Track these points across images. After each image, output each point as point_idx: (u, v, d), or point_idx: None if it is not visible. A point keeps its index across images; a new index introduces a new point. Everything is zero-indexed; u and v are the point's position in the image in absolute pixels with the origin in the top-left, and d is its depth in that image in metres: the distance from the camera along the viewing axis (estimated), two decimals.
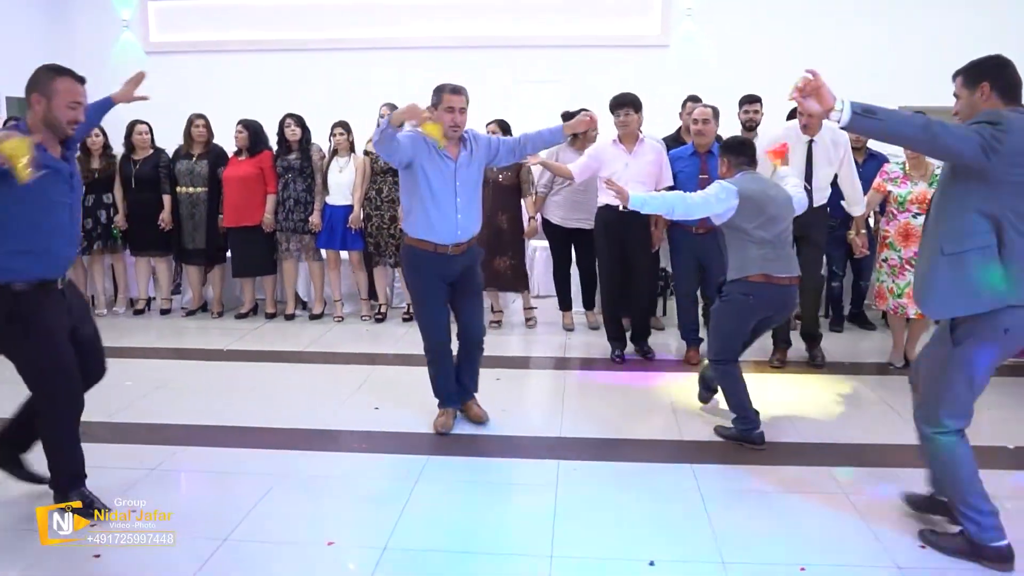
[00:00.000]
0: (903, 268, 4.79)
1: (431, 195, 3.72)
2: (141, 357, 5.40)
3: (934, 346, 2.83)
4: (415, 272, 3.88)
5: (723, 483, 3.42)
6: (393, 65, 8.83)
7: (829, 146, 4.68)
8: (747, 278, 3.76)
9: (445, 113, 3.69)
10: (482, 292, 4.30)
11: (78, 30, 9.60)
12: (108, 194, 6.39)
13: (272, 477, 3.46)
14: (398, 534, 2.96)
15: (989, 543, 2.70)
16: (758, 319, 3.89)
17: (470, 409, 4.12)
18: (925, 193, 4.69)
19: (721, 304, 3.91)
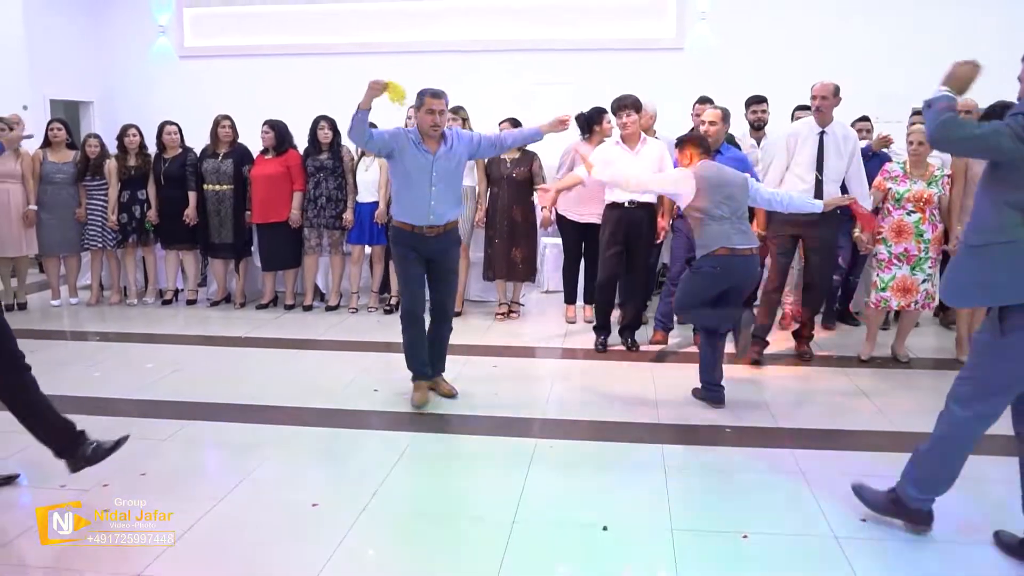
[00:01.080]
0: (890, 262, 4.95)
1: (408, 183, 4.17)
2: (165, 343, 5.77)
3: (982, 332, 2.78)
4: (397, 247, 4.36)
5: (688, 461, 3.64)
6: (414, 68, 9.05)
7: (840, 139, 4.90)
8: (713, 252, 4.16)
9: (426, 115, 4.10)
10: (457, 273, 4.67)
11: (116, 35, 10.08)
12: (142, 190, 6.78)
13: (270, 448, 3.77)
14: (377, 499, 3.23)
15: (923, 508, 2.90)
16: (723, 289, 4.26)
17: (439, 385, 4.51)
18: (922, 192, 4.85)
19: (689, 273, 4.30)
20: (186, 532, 2.95)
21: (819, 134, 4.92)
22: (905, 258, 4.91)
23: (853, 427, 4.05)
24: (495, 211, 6.16)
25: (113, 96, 9.98)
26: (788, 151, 5.03)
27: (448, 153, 4.20)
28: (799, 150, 4.97)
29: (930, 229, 4.90)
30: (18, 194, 6.56)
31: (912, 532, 2.92)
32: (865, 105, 6.18)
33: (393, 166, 4.25)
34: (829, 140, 4.91)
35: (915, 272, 4.91)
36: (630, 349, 5.40)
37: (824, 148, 4.90)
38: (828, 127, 4.92)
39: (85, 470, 3.46)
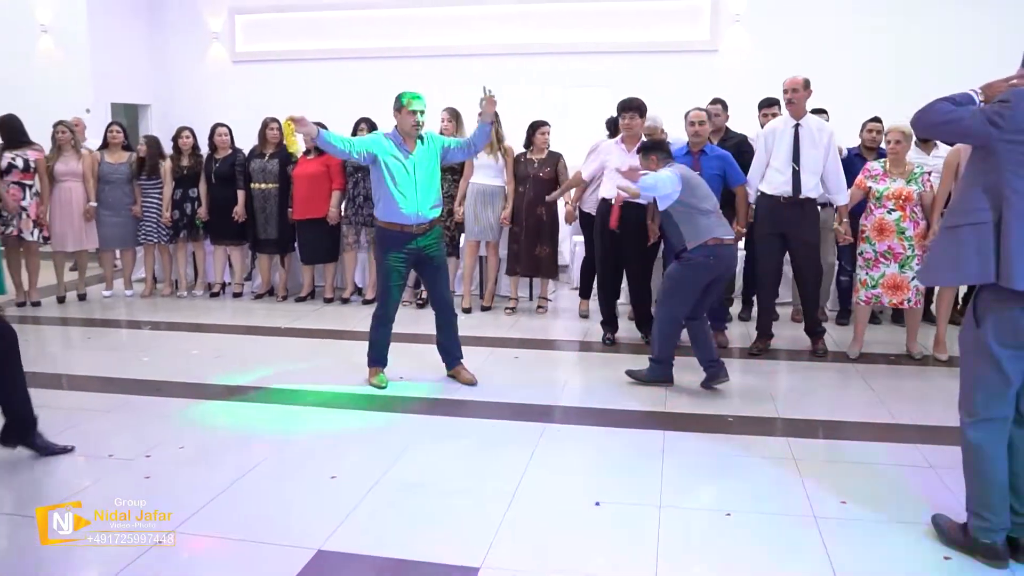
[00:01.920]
0: (877, 261, 5.06)
1: (394, 184, 4.44)
2: (211, 332, 6.15)
3: (963, 331, 2.79)
4: (383, 250, 4.57)
5: (687, 445, 3.84)
6: (452, 71, 9.45)
7: (814, 131, 5.10)
8: (706, 243, 4.46)
9: (408, 115, 4.41)
10: (446, 266, 4.91)
11: (172, 42, 10.62)
12: (194, 189, 7.20)
13: (300, 426, 4.11)
14: (392, 473, 3.51)
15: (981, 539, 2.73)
16: (712, 278, 4.58)
17: (460, 374, 4.78)
18: (901, 190, 4.97)
19: (681, 266, 4.57)
20: (217, 496, 3.26)
21: (794, 126, 5.12)
22: (891, 255, 5.02)
23: (852, 418, 4.19)
24: (520, 209, 6.39)
25: (169, 99, 10.52)
26: (766, 148, 5.22)
27: (426, 152, 4.51)
28: (776, 145, 5.16)
29: (911, 226, 5.00)
30: (80, 192, 7.02)
31: (993, 567, 2.71)
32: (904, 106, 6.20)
33: (376, 170, 4.48)
34: (804, 132, 5.10)
35: (904, 270, 5.02)
36: (647, 343, 5.59)
37: (800, 140, 5.09)
38: (802, 120, 5.12)
39: (131, 444, 3.84)
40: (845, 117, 6.28)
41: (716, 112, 6.03)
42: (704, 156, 5.27)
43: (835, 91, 8.24)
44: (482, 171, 6.47)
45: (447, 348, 4.79)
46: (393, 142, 4.46)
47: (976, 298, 2.70)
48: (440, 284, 4.72)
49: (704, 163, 5.24)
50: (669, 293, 4.62)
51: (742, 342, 5.68)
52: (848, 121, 6.17)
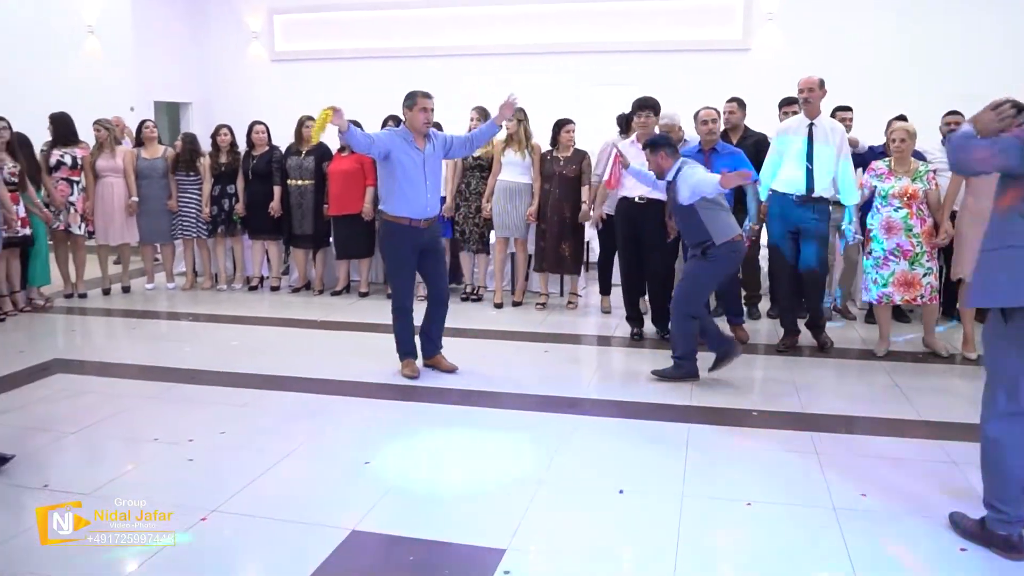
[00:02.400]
0: (886, 260, 5.08)
1: (407, 179, 4.61)
2: (250, 324, 6.34)
3: (987, 329, 2.90)
4: (392, 242, 4.73)
5: (711, 439, 3.92)
6: (484, 69, 9.56)
7: (827, 130, 5.15)
8: (732, 239, 4.65)
9: (419, 113, 4.59)
10: (445, 259, 5.12)
11: (213, 41, 10.87)
12: (232, 185, 7.40)
13: (335, 414, 4.26)
14: (423, 459, 3.66)
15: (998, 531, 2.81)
16: (730, 272, 4.88)
17: (440, 363, 4.95)
18: (907, 188, 5.00)
19: (707, 262, 4.68)
20: (257, 478, 3.41)
21: (808, 125, 5.16)
22: (900, 253, 5.04)
23: (876, 414, 4.24)
24: (546, 206, 6.49)
25: (210, 98, 10.77)
26: (779, 146, 5.29)
27: (433, 150, 4.72)
28: (790, 143, 5.21)
29: (918, 223, 5.02)
30: (121, 188, 7.25)
31: (1009, 559, 2.78)
32: (939, 104, 6.21)
33: (387, 166, 4.64)
34: (818, 131, 5.14)
35: (914, 267, 5.04)
36: (664, 338, 5.65)
37: (813, 139, 5.13)
38: (816, 119, 5.16)
39: (174, 428, 4.02)
40: (877, 116, 6.27)
41: (731, 110, 6.09)
42: (715, 154, 5.36)
43: (868, 89, 8.24)
44: (510, 168, 6.58)
45: (432, 337, 4.95)
46: (405, 139, 4.63)
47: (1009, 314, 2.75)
48: (439, 275, 4.92)
49: (715, 161, 5.32)
50: (691, 290, 4.72)
51: (768, 339, 5.73)
52: (879, 119, 6.16)
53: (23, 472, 3.46)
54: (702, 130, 5.43)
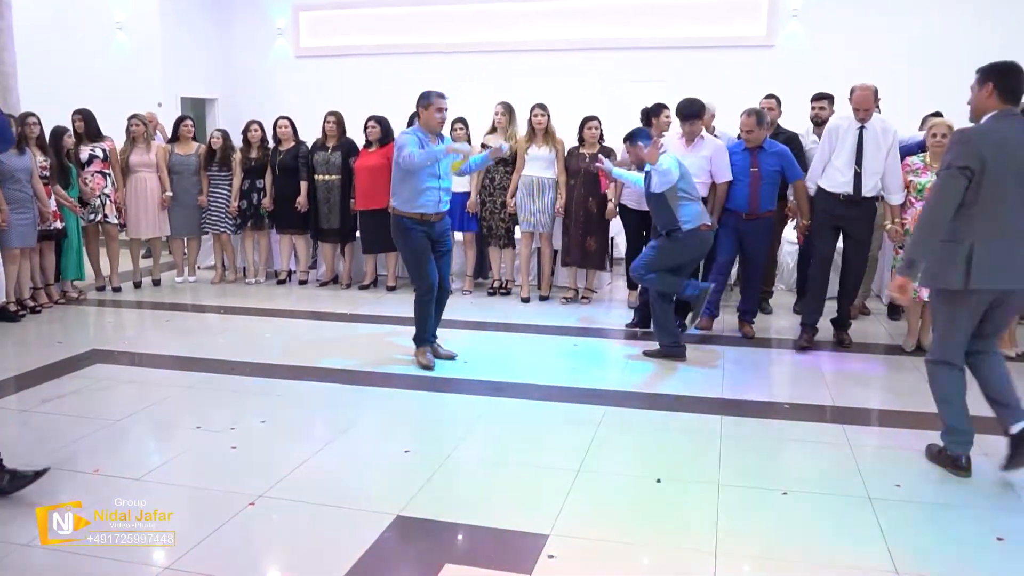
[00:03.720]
0: None
1: (423, 177, 4.76)
2: (280, 317, 6.43)
3: (933, 300, 3.57)
4: (407, 235, 4.86)
5: (744, 429, 3.97)
6: (509, 66, 9.62)
7: (879, 133, 5.09)
8: (699, 228, 4.96)
9: (436, 113, 4.77)
10: (451, 253, 5.22)
11: (239, 37, 10.98)
12: (260, 180, 7.49)
13: (370, 406, 4.34)
14: (461, 448, 3.71)
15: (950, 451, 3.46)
16: (690, 259, 5.16)
17: (438, 349, 5.10)
18: None
19: (670, 243, 5.02)
20: (300, 465, 3.49)
21: (859, 128, 5.11)
22: None
23: (908, 408, 4.27)
24: (572, 202, 6.54)
25: (235, 94, 10.88)
26: (829, 145, 5.23)
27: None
28: (840, 144, 5.16)
29: None
30: (154, 182, 7.35)
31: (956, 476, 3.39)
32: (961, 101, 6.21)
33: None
34: (868, 135, 5.09)
35: None
36: (682, 330, 5.71)
37: (863, 142, 5.09)
38: (868, 123, 5.10)
39: (216, 418, 4.11)
40: (904, 112, 6.28)
41: (770, 107, 6.11)
42: (762, 152, 5.37)
43: (893, 86, 8.20)
44: (534, 163, 6.63)
45: (434, 326, 5.10)
46: (420, 138, 4.77)
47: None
48: (446, 266, 5.08)
49: (762, 159, 5.34)
50: (652, 257, 5.06)
51: (794, 333, 5.76)
52: (906, 115, 6.17)
53: (76, 459, 3.55)
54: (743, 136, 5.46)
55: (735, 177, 5.43)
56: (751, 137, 5.38)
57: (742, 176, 5.40)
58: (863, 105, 5.07)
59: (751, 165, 5.38)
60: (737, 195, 5.44)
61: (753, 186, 5.38)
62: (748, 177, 5.38)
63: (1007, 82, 3.29)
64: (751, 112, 5.39)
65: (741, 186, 5.42)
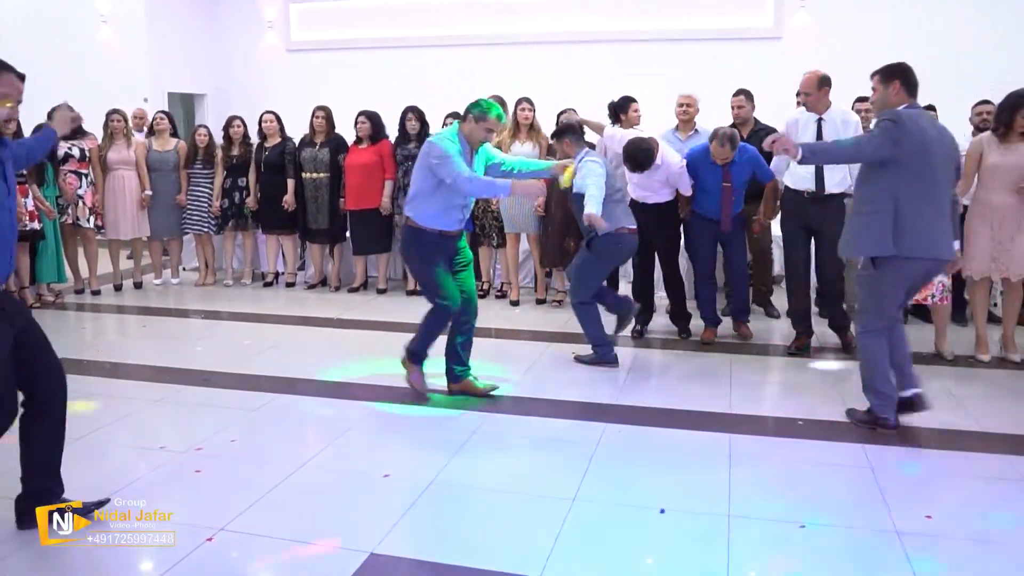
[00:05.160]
0: None
1: (451, 192, 4.07)
2: (264, 322, 6.11)
3: (860, 272, 3.85)
4: (423, 250, 4.22)
5: (755, 450, 3.65)
6: (505, 59, 9.30)
7: (839, 125, 4.79)
8: (617, 231, 4.68)
9: (486, 132, 4.11)
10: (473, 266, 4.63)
11: (228, 31, 10.67)
12: (243, 178, 7.18)
13: (352, 421, 4.00)
14: (446, 473, 3.38)
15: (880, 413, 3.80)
16: (616, 264, 5.04)
17: (470, 387, 4.35)
18: None
19: (590, 255, 4.80)
20: (268, 492, 3.17)
21: (816, 121, 4.82)
22: None
23: (932, 424, 3.94)
24: (551, 200, 6.17)
25: (225, 89, 10.57)
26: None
27: (478, 162, 4.23)
28: (799, 138, 4.82)
29: None
30: (133, 180, 7.05)
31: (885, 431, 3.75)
32: (975, 91, 5.92)
33: (434, 177, 4.09)
34: (827, 126, 4.80)
35: None
36: (681, 337, 5.47)
37: (822, 135, 4.80)
38: (825, 113, 4.81)
39: (183, 435, 3.79)
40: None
41: (739, 104, 5.85)
42: (734, 165, 5.11)
43: None
44: None
45: (462, 354, 4.38)
46: (462, 152, 4.09)
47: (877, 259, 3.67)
48: (470, 282, 4.42)
49: (734, 172, 5.12)
50: (578, 280, 4.87)
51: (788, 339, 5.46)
52: None
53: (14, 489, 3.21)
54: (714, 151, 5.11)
55: (705, 189, 5.19)
56: (742, 114, 5.43)
57: (713, 190, 5.16)
58: (805, 88, 4.80)
59: (723, 179, 5.12)
60: (709, 205, 5.21)
61: (725, 200, 5.15)
62: (720, 192, 5.14)
63: (910, 78, 3.70)
64: (724, 140, 5.00)
65: (712, 199, 5.18)
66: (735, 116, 5.86)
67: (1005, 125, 4.72)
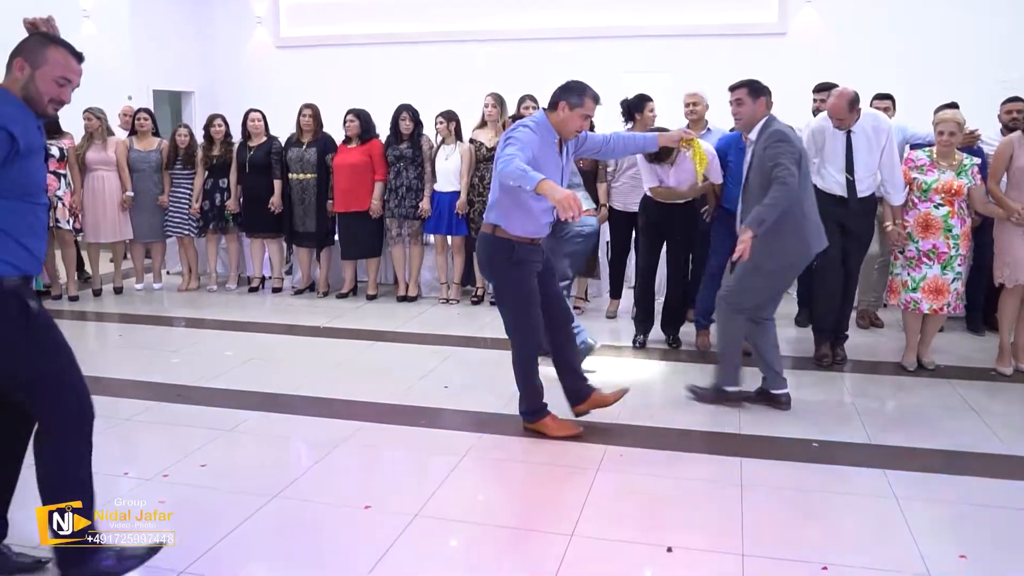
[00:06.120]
0: (920, 260, 4.59)
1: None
2: (248, 331, 5.82)
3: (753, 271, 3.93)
4: (520, 269, 3.57)
5: (768, 477, 3.36)
6: (502, 56, 9.02)
7: (870, 133, 4.57)
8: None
9: (582, 120, 3.50)
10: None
11: (216, 27, 10.36)
12: (225, 179, 6.88)
13: (333, 444, 3.70)
14: (432, 504, 3.10)
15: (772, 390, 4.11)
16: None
17: (603, 399, 3.86)
18: (951, 183, 4.48)
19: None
20: (238, 526, 2.89)
21: (846, 133, 4.59)
22: (935, 255, 4.55)
23: (959, 447, 3.66)
24: None
25: (213, 86, 10.27)
26: (815, 147, 4.73)
27: (568, 155, 3.66)
28: (828, 149, 4.69)
29: (959, 224, 4.53)
30: (113, 181, 6.76)
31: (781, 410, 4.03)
32: (983, 90, 5.68)
33: None
34: (858, 139, 4.58)
35: (945, 272, 4.55)
36: (671, 347, 5.20)
37: (852, 148, 4.59)
38: (855, 126, 4.58)
39: (150, 460, 3.51)
40: (921, 101, 5.67)
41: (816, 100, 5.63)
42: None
43: (909, 74, 7.68)
44: None
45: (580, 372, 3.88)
46: (545, 140, 3.47)
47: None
48: (558, 291, 3.88)
49: None
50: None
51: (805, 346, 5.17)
52: (923, 105, 5.56)
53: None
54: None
55: (733, 176, 4.84)
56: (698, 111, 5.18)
57: (740, 176, 4.75)
58: (836, 115, 4.55)
59: None
60: (735, 195, 4.77)
61: None
62: None
63: (770, 94, 3.98)
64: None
65: (739, 186, 4.80)
66: (692, 113, 5.52)
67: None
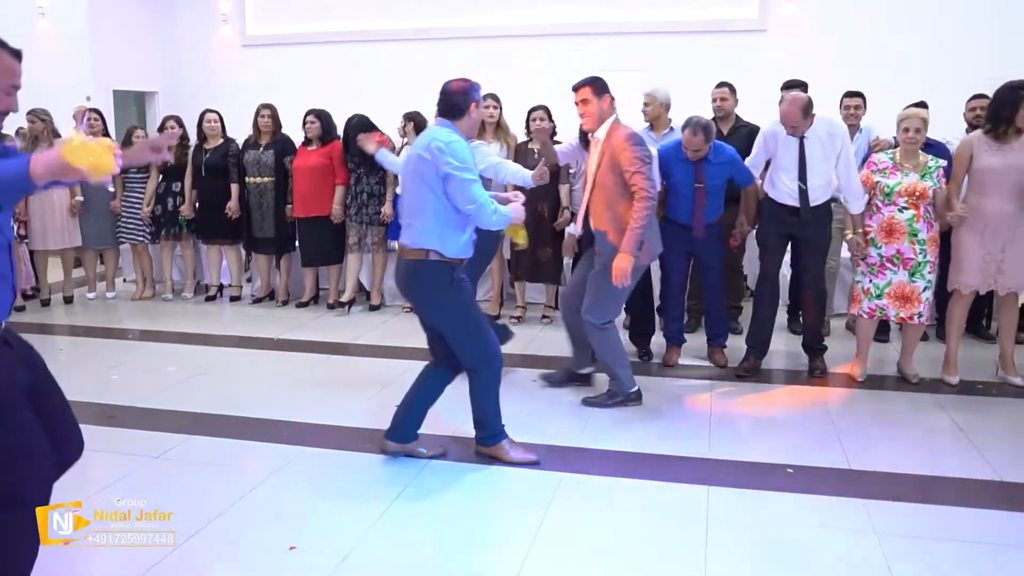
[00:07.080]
0: (883, 267, 4.39)
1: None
2: (197, 344, 5.51)
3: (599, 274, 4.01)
4: (460, 289, 3.34)
5: (738, 509, 3.08)
6: (474, 53, 8.70)
7: (825, 139, 4.36)
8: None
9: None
10: None
11: (180, 25, 10.02)
12: (178, 182, 6.58)
13: (265, 473, 3.41)
14: (364, 543, 2.80)
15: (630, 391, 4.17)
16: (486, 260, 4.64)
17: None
18: (915, 186, 4.27)
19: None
20: (148, 571, 2.59)
21: (800, 139, 4.37)
22: (899, 261, 4.34)
23: (943, 472, 3.40)
24: None
25: (177, 87, 9.94)
26: (765, 152, 4.60)
27: None
28: (780, 155, 4.49)
29: (925, 228, 4.32)
30: (60, 186, 6.43)
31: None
32: (968, 87, 5.43)
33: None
34: (811, 144, 4.37)
35: (914, 279, 4.34)
36: (641, 359, 4.94)
37: (805, 155, 4.38)
38: (808, 131, 4.36)
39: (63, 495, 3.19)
40: (904, 100, 5.39)
41: (722, 96, 5.41)
42: (708, 164, 4.56)
43: (894, 72, 7.47)
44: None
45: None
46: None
47: None
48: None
49: (708, 172, 4.57)
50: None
51: (787, 360, 4.93)
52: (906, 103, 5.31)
53: None
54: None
55: (676, 190, 4.65)
56: (725, 107, 5.02)
57: (685, 191, 4.61)
58: (790, 121, 4.32)
59: (696, 179, 4.57)
60: (680, 208, 4.66)
61: (697, 202, 4.59)
62: (691, 192, 4.59)
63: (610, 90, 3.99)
64: (696, 129, 4.41)
65: (684, 201, 4.63)
66: (716, 109, 5.39)
67: (1006, 122, 4.19)
